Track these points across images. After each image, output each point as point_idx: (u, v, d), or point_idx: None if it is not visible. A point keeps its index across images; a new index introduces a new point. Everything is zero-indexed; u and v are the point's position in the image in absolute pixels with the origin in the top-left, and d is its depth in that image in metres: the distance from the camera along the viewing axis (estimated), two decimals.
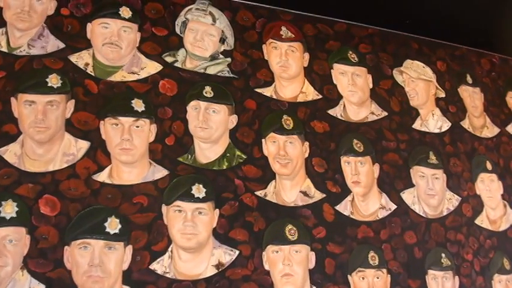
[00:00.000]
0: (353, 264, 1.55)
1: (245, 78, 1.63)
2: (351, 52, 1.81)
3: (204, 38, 1.62)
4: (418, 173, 1.75)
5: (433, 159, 1.79)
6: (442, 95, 1.94)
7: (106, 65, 1.47)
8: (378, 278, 1.57)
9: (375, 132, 1.74)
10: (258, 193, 1.51)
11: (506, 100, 2.12)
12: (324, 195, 1.59)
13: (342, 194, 1.62)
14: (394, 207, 1.67)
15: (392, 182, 1.70)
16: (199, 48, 1.61)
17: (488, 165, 1.91)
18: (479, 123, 1.98)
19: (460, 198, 1.81)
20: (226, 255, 1.43)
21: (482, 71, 2.09)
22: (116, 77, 1.47)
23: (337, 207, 1.59)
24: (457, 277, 1.69)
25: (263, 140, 1.58)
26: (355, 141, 1.68)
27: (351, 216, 1.60)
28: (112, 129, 1.40)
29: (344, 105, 1.73)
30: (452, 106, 1.94)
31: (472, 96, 2.00)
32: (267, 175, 1.55)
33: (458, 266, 1.71)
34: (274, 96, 1.65)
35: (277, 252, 1.47)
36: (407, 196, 1.71)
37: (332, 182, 1.61)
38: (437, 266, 1.66)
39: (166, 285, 1.32)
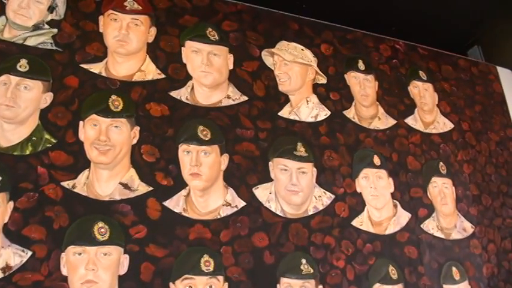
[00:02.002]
0: (179, 271, 1.29)
1: (70, 52, 1.41)
2: (210, 29, 1.59)
3: (30, 5, 1.42)
4: (280, 166, 1.50)
5: (301, 151, 1.54)
6: (323, 81, 1.70)
7: None
8: (210, 286, 1.30)
9: (228, 119, 1.50)
10: (64, 184, 1.28)
11: (409, 90, 1.88)
12: (150, 189, 1.34)
13: (174, 187, 1.37)
14: (242, 204, 1.41)
15: (244, 175, 1.45)
16: (22, 17, 1.41)
17: (376, 160, 1.64)
18: (369, 114, 1.72)
19: (333, 196, 1.54)
20: (16, 256, 1.19)
21: (380, 57, 1.85)
22: None
23: (166, 203, 1.35)
24: (320, 286, 1.40)
25: (81, 122, 1.35)
26: (201, 127, 1.44)
27: (183, 213, 1.35)
28: None
29: (192, 87, 1.50)
30: (334, 93, 1.70)
31: (362, 84, 1.76)
32: (80, 163, 1.31)
33: (324, 273, 1.43)
34: (104, 74, 1.43)
35: (80, 254, 1.23)
36: (261, 192, 1.45)
37: (163, 174, 1.37)
38: (295, 274, 1.39)
39: None
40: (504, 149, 2.00)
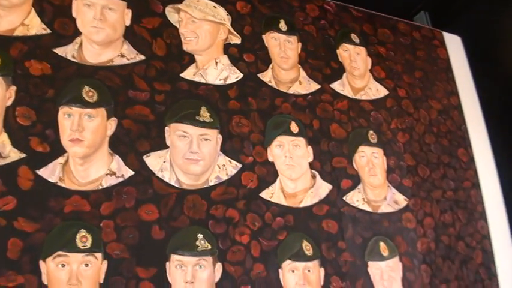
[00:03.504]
0: (50, 247, 1.15)
1: None
2: None
3: None
4: (178, 132, 1.35)
5: (205, 116, 1.38)
6: (237, 41, 1.54)
7: None
8: (87, 265, 1.15)
9: (120, 79, 1.34)
10: None
11: (338, 53, 1.72)
12: (23, 156, 1.19)
13: (50, 154, 1.21)
14: (129, 173, 1.26)
15: (134, 142, 1.29)
16: None
17: (293, 127, 1.49)
18: (289, 77, 1.57)
19: (240, 166, 1.39)
20: None
21: (305, 18, 1.69)
22: None
23: (40, 172, 1.19)
24: (219, 264, 1.25)
25: None
26: (86, 88, 1.28)
27: (59, 183, 1.20)
28: None
29: (81, 44, 1.34)
30: (249, 55, 1.54)
31: (283, 46, 1.60)
32: None
33: (224, 250, 1.28)
34: None
35: None
36: (153, 160, 1.30)
37: (39, 139, 1.21)
38: (189, 250, 1.24)
39: None
40: (447, 118, 1.86)
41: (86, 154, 1.24)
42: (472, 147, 1.86)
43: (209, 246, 1.26)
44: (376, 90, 1.72)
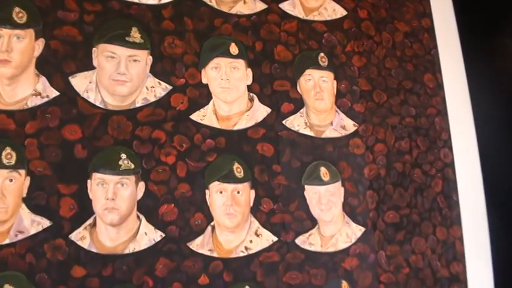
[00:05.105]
0: None
1: None
2: None
3: None
4: (106, 52, 1.35)
5: (135, 36, 1.37)
6: None
7: None
8: (11, 180, 1.21)
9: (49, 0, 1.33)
10: None
11: None
12: None
13: None
14: (55, 94, 1.29)
15: (61, 62, 1.31)
16: None
17: (233, 49, 1.46)
18: None
19: (170, 87, 1.39)
20: None
21: None
22: None
23: None
24: (142, 183, 1.30)
25: None
26: (17, 9, 1.30)
27: None
28: None
29: None
30: None
31: None
32: None
33: (148, 169, 1.32)
34: None
35: None
36: (79, 81, 1.32)
37: None
38: (111, 169, 1.29)
39: None
40: (415, 41, 1.76)
41: (14, 75, 1.27)
42: (442, 73, 1.77)
43: (132, 166, 1.30)
44: (333, 11, 1.64)
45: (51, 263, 1.21)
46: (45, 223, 1.22)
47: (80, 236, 1.24)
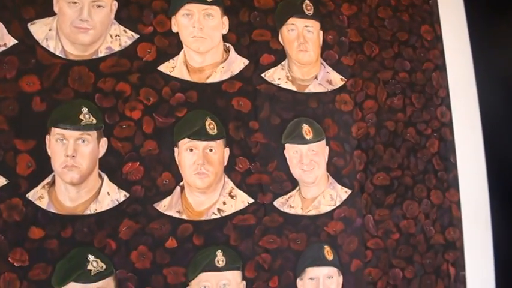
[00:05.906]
0: None
1: None
2: None
3: None
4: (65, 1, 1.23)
5: None
6: None
7: None
8: None
9: None
10: None
11: None
12: None
13: None
14: (13, 42, 1.19)
15: (19, 8, 1.21)
16: None
17: None
18: None
19: (137, 36, 1.28)
20: None
21: None
22: None
23: None
24: (104, 139, 1.21)
25: None
26: None
27: None
28: None
29: None
30: None
31: None
32: None
33: (111, 125, 1.22)
34: None
35: None
36: (38, 28, 1.22)
37: None
38: (71, 124, 1.20)
39: None
40: None
41: None
42: (441, 24, 1.62)
43: (94, 121, 1.20)
44: None
45: (7, 223, 1.14)
46: (1, 181, 1.14)
47: (37, 196, 1.16)
